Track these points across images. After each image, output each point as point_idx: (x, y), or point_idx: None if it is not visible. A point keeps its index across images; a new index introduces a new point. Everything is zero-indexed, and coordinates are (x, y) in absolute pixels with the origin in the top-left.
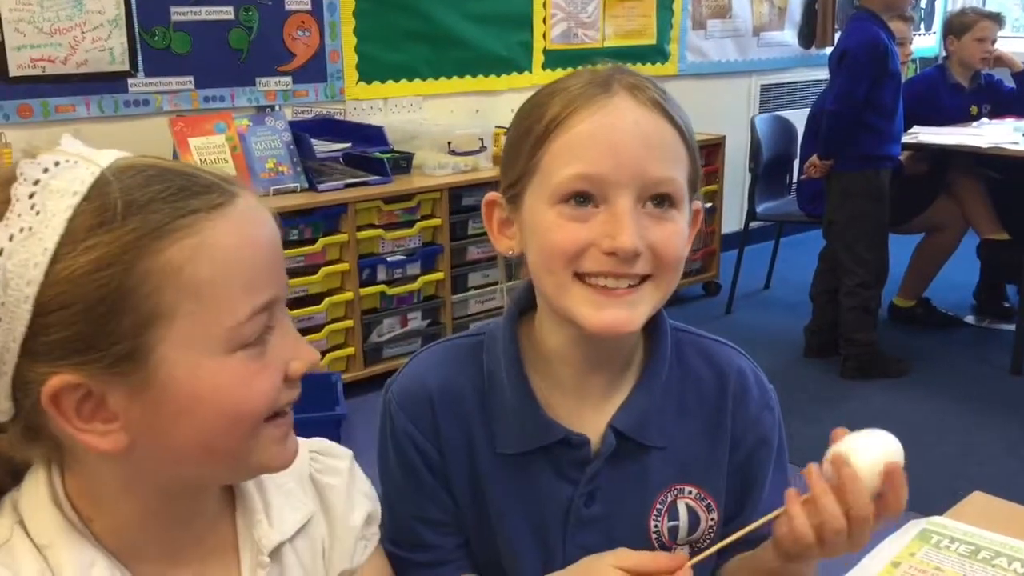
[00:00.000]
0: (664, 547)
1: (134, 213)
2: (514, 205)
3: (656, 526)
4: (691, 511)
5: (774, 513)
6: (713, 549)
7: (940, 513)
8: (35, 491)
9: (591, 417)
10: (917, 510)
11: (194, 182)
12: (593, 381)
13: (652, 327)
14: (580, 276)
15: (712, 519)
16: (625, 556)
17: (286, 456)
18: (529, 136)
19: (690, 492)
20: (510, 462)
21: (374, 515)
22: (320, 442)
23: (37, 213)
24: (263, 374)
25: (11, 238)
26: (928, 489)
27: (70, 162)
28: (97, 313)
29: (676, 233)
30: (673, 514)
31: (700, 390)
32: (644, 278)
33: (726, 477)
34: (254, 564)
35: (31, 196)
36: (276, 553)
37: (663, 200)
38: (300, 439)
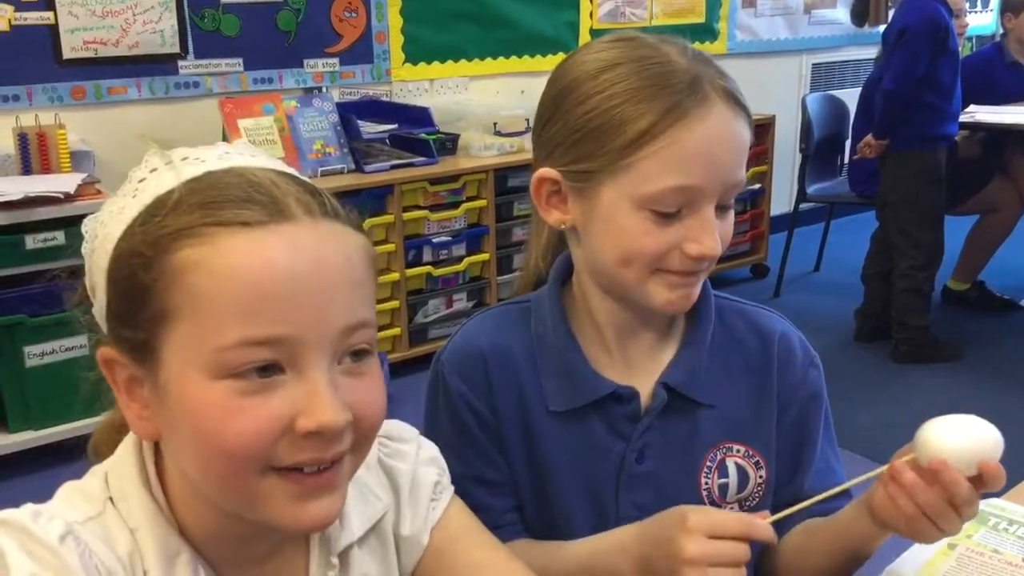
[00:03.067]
0: (715, 504)
1: (173, 212)
2: (580, 187)
3: (707, 483)
4: (740, 469)
5: (875, 472)
6: (795, 509)
7: (997, 497)
8: (124, 470)
9: (639, 376)
10: None
11: (250, 195)
12: (638, 342)
13: None
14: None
15: (761, 476)
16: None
17: (301, 519)
18: (619, 132)
19: (738, 450)
20: (562, 420)
21: (443, 482)
22: (388, 425)
23: (134, 197)
24: (245, 415)
25: (110, 213)
26: None
27: (163, 169)
28: (129, 296)
29: (731, 224)
30: (723, 472)
31: (744, 352)
32: None
33: (777, 436)
34: (324, 564)
35: (141, 181)
36: (344, 555)
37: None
38: None
